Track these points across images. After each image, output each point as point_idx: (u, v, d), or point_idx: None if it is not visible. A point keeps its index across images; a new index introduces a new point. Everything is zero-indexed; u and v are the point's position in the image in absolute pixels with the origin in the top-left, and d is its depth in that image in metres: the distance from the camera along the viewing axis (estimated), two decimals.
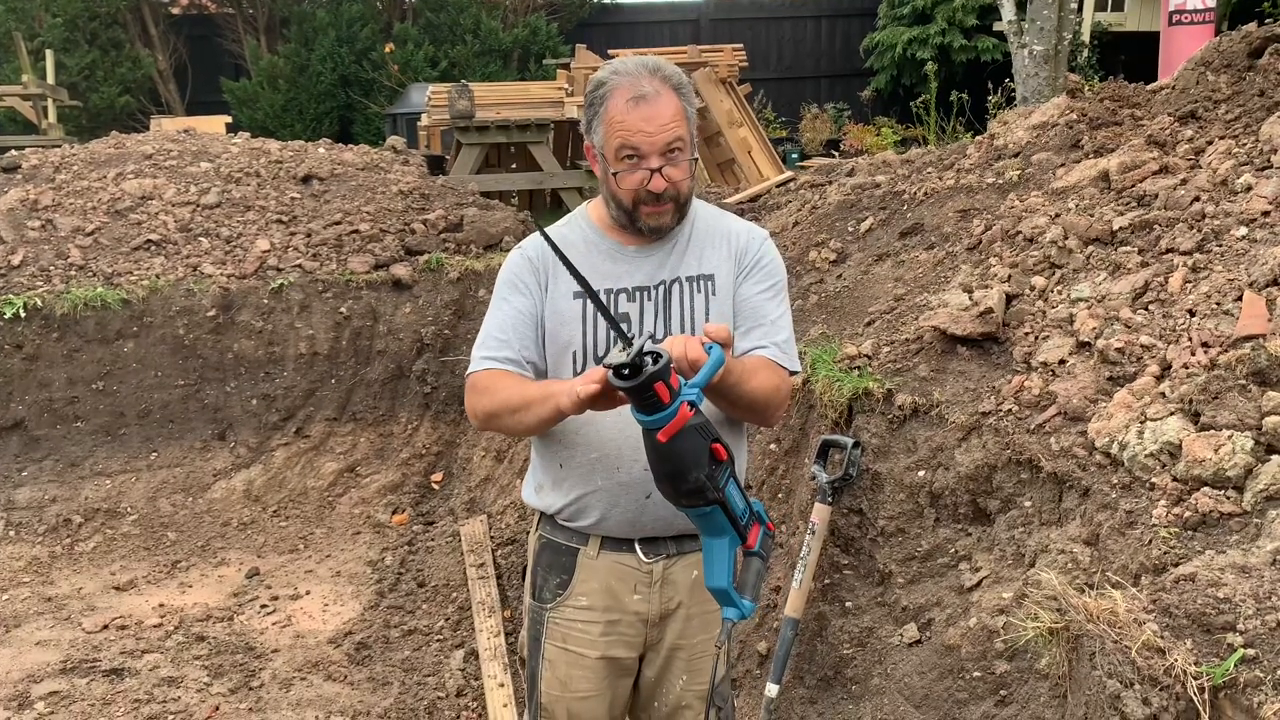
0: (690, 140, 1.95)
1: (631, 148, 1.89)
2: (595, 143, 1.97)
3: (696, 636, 2.10)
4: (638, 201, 1.93)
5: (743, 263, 2.09)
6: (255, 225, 5.93)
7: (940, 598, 2.51)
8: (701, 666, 2.11)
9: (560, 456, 2.02)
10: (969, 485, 2.53)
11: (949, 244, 3.24)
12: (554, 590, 2.05)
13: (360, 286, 5.63)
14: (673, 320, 2.02)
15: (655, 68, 1.93)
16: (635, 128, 1.88)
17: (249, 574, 4.62)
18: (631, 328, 1.99)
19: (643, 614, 2.05)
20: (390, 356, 5.58)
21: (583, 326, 2.01)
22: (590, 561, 2.03)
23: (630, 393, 1.57)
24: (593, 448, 1.98)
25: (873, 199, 3.94)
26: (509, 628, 3.91)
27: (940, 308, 2.79)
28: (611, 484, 1.98)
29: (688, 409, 1.58)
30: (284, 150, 6.86)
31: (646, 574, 2.03)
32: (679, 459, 1.60)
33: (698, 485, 1.62)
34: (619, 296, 2.01)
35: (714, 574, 1.74)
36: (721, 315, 2.05)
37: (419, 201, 6.49)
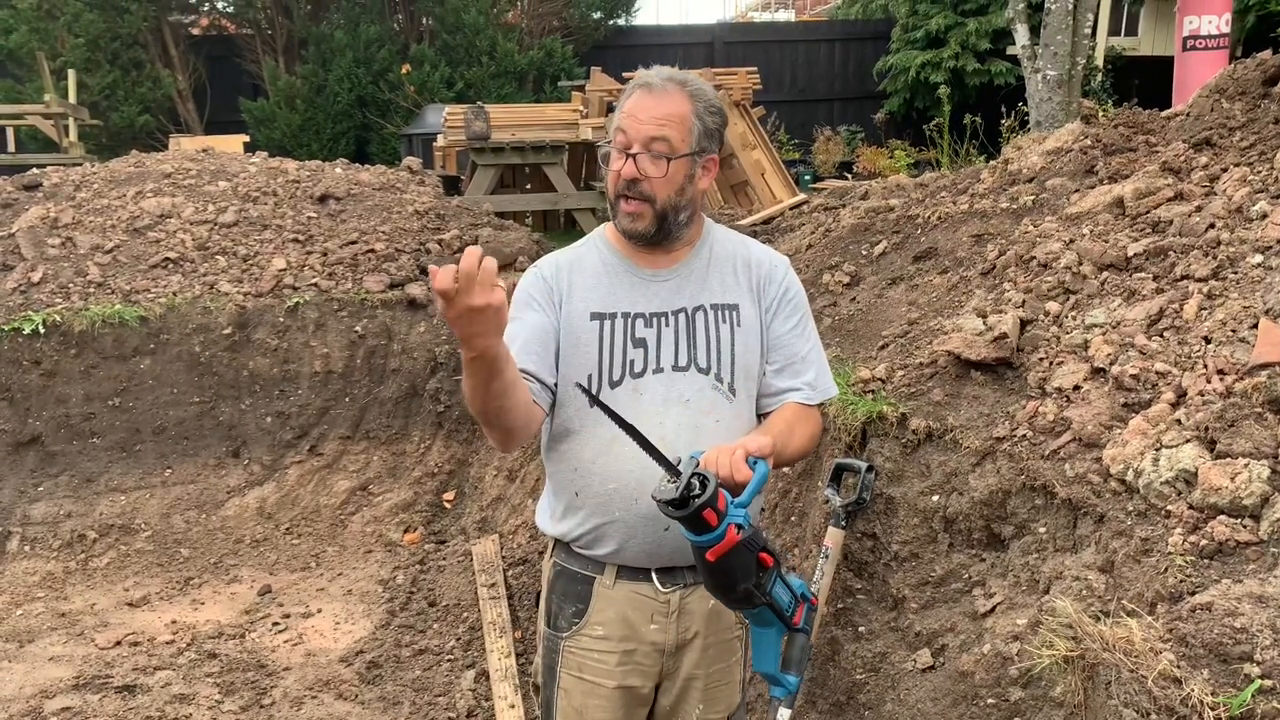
0: (685, 150, 1.90)
1: (621, 130, 1.90)
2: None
3: (713, 665, 2.08)
4: (618, 194, 1.93)
5: (767, 294, 2.08)
6: (272, 244, 5.98)
7: (954, 623, 2.50)
8: (717, 695, 2.10)
9: (576, 484, 1.99)
10: (983, 511, 2.52)
11: (963, 268, 3.24)
12: (569, 619, 2.03)
13: (375, 305, 5.67)
14: (698, 349, 1.99)
15: (684, 79, 1.94)
16: (630, 111, 1.89)
17: (261, 591, 4.63)
18: (649, 353, 1.97)
19: (659, 644, 2.03)
20: (404, 375, 5.61)
21: (599, 350, 1.97)
22: (606, 591, 2.01)
23: (678, 520, 1.61)
24: (610, 478, 1.96)
25: (886, 222, 3.95)
26: (520, 648, 3.90)
27: (954, 332, 2.79)
28: (631, 516, 1.96)
29: (735, 531, 1.61)
30: (301, 170, 6.92)
31: (664, 604, 2.02)
32: (728, 574, 1.66)
33: (746, 594, 1.70)
34: (636, 321, 1.98)
35: (762, 660, 1.84)
36: (747, 349, 2.03)
37: (434, 222, 6.54)
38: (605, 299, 1.99)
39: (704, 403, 1.99)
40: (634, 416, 1.91)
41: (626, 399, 1.94)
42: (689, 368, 1.99)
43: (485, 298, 1.50)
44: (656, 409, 1.95)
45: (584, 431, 1.96)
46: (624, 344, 1.96)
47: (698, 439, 1.94)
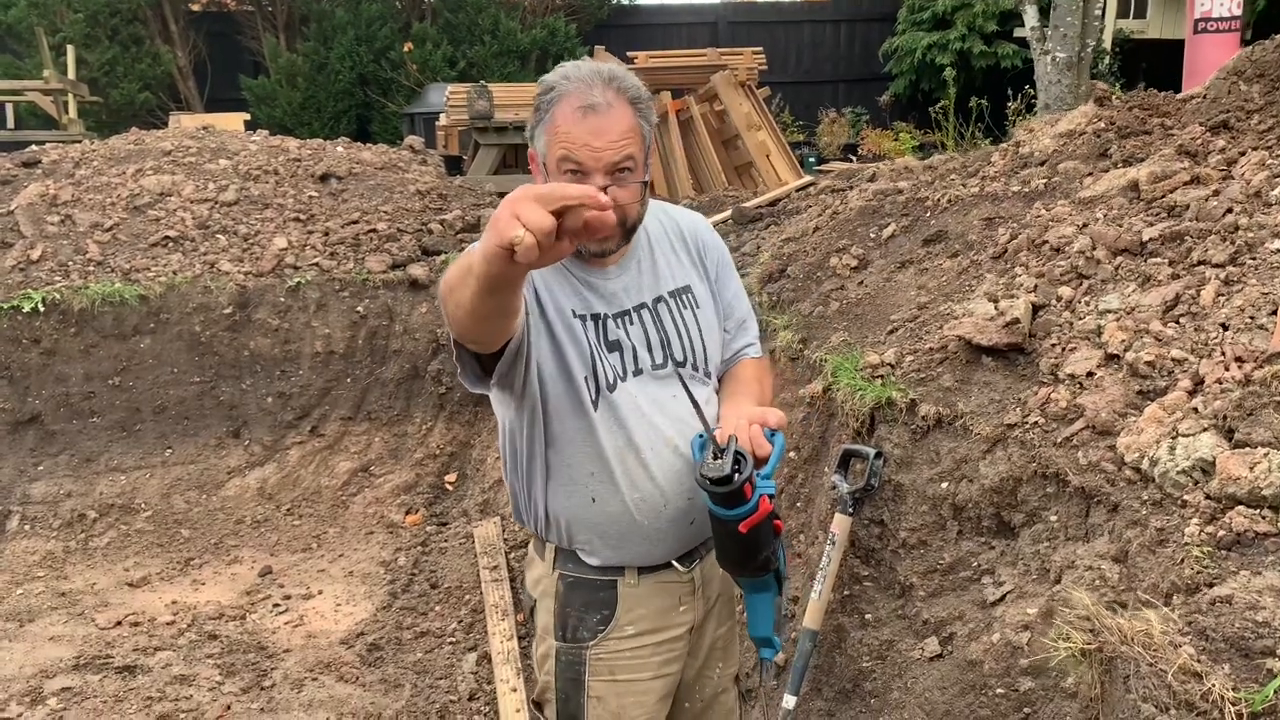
0: (643, 160, 1.79)
1: (575, 162, 1.72)
2: (539, 150, 1.80)
3: (724, 625, 2.14)
4: None
5: (708, 263, 2.07)
6: (273, 223, 5.93)
7: (962, 611, 2.47)
8: (731, 650, 2.18)
9: (592, 489, 1.89)
10: (993, 498, 2.49)
11: (973, 252, 3.20)
12: (594, 628, 1.96)
13: (377, 286, 5.63)
14: (671, 345, 1.95)
15: (611, 77, 1.78)
16: (580, 140, 1.71)
17: (262, 572, 4.61)
18: (625, 355, 1.90)
19: (689, 623, 2.03)
20: (406, 356, 5.57)
21: (590, 351, 1.86)
22: (632, 590, 1.96)
23: (720, 496, 1.65)
24: (636, 487, 1.89)
25: (895, 205, 3.90)
26: (522, 631, 3.88)
27: (965, 317, 2.75)
28: (660, 521, 1.92)
29: (768, 502, 1.67)
30: (302, 148, 6.86)
31: (689, 583, 2.01)
32: (755, 545, 1.72)
33: (765, 561, 1.77)
34: (606, 323, 1.89)
35: (759, 624, 1.92)
36: (711, 328, 2.02)
37: (436, 201, 6.49)
38: (574, 299, 1.88)
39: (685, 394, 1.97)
40: (633, 423, 1.90)
41: (626, 403, 1.89)
42: (666, 364, 1.95)
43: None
44: (648, 411, 1.91)
45: (590, 439, 1.87)
46: (602, 347, 1.89)
47: (692, 431, 1.93)
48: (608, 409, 1.88)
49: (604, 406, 1.88)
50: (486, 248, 1.31)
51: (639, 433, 1.89)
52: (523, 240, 1.23)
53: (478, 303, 1.46)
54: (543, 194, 1.26)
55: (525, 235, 1.23)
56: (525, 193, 1.26)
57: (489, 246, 1.30)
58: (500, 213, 1.27)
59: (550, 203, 1.25)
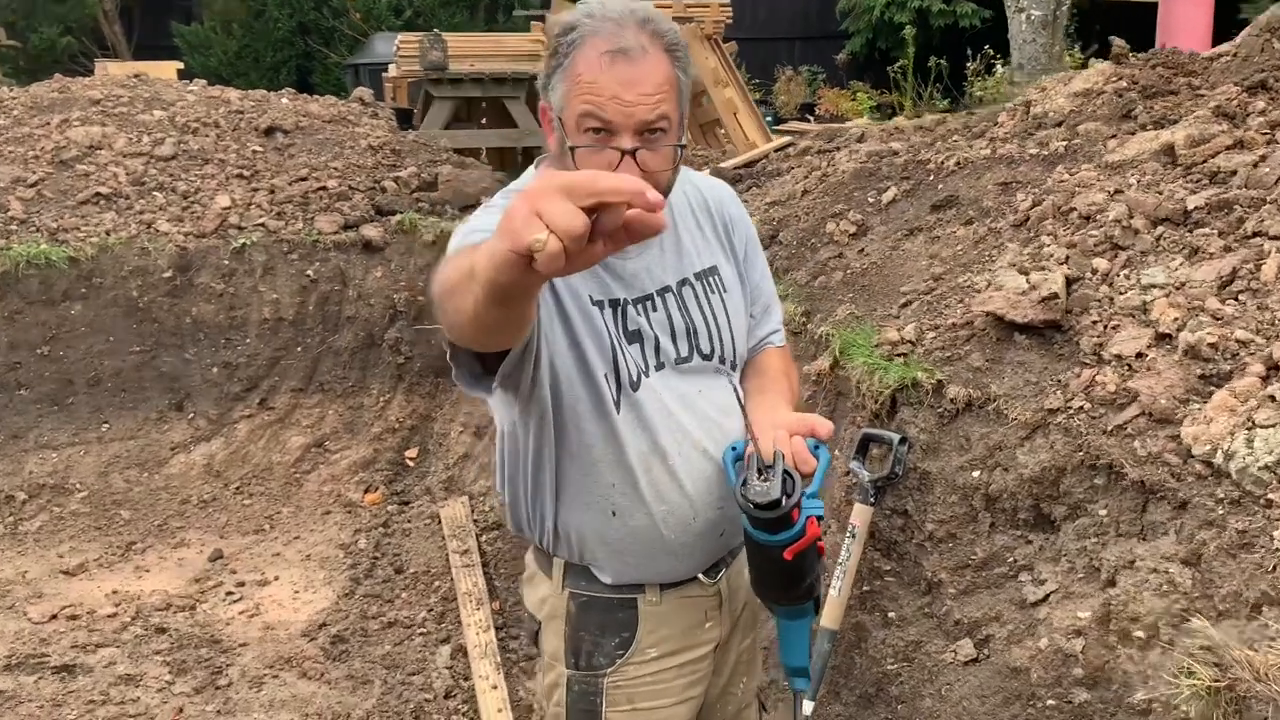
0: (679, 120, 1.53)
1: (600, 119, 1.45)
2: (553, 103, 1.50)
3: (748, 637, 1.93)
4: None
5: (736, 239, 1.80)
6: (214, 180, 5.54)
7: (999, 612, 2.29)
8: (754, 662, 1.97)
9: (612, 501, 1.65)
10: (1032, 489, 2.30)
11: (990, 219, 2.99)
12: (611, 652, 1.72)
13: (328, 248, 5.28)
14: (698, 335, 1.69)
15: (646, 18, 1.50)
16: (608, 91, 1.44)
17: (211, 557, 4.30)
18: (646, 347, 1.64)
19: (715, 640, 1.80)
20: (360, 323, 5.24)
21: (610, 343, 1.59)
22: (654, 609, 1.72)
23: (763, 522, 1.45)
24: (663, 498, 1.65)
25: (893, 167, 3.68)
26: (499, 621, 3.64)
27: (992, 291, 2.55)
28: (687, 536, 1.68)
29: (816, 525, 1.46)
30: (244, 100, 6.43)
31: (714, 596, 1.78)
32: (800, 571, 1.53)
33: (809, 589, 1.58)
34: (626, 310, 1.62)
35: (794, 653, 1.72)
36: (738, 315, 1.77)
37: (390, 158, 6.13)
38: (590, 282, 1.60)
39: (718, 392, 1.73)
40: (659, 425, 1.64)
41: (651, 402, 1.64)
42: (691, 357, 1.69)
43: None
44: (674, 410, 1.66)
45: (611, 444, 1.62)
46: (622, 337, 1.62)
47: (724, 434, 1.70)
48: (631, 410, 1.63)
49: (627, 407, 1.62)
50: (497, 252, 1.01)
51: (665, 435, 1.65)
52: (545, 246, 0.93)
53: (483, 313, 1.16)
54: (573, 185, 0.95)
55: (549, 239, 0.93)
56: (550, 184, 0.95)
57: (500, 251, 1.00)
58: (516, 208, 0.97)
59: (583, 197, 0.94)
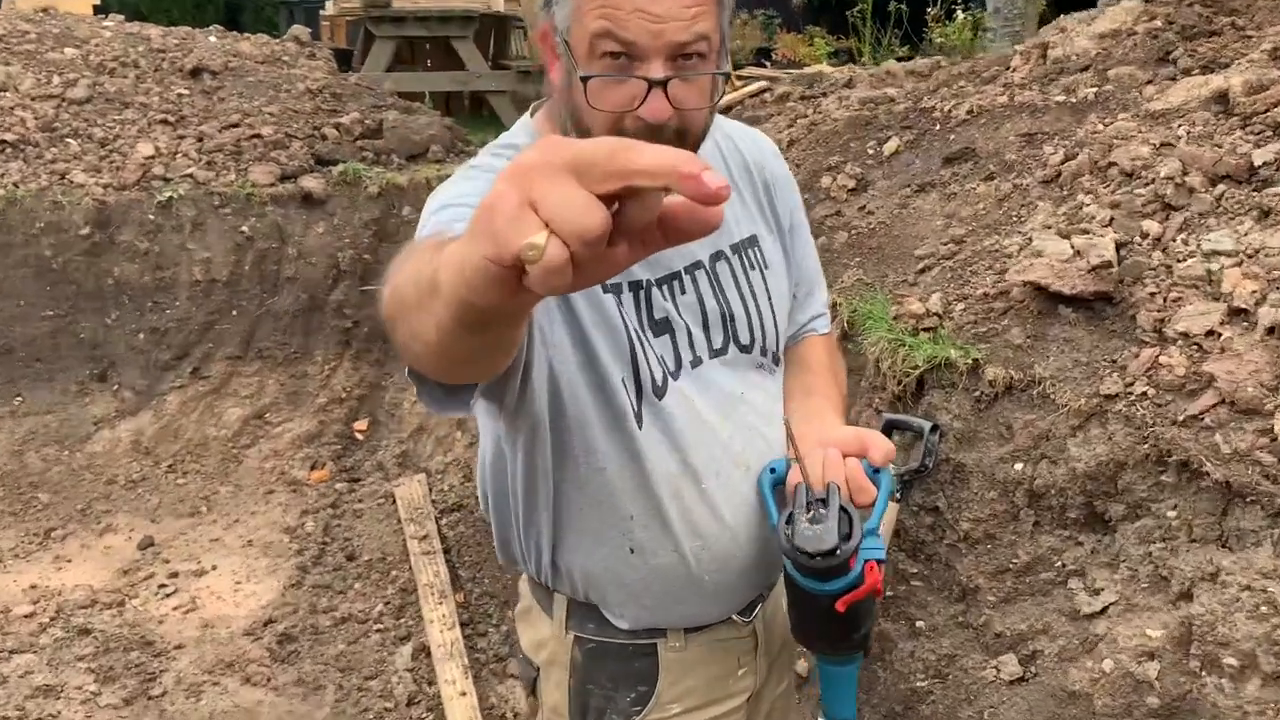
0: (719, 42, 1.20)
1: (621, 40, 1.13)
2: (556, 22, 1.19)
3: (784, 681, 1.62)
4: (618, 136, 1.13)
5: (775, 201, 1.45)
6: (135, 126, 5.05)
7: (1047, 624, 2.03)
8: (787, 707, 1.65)
9: (632, 537, 1.33)
10: (1085, 485, 2.03)
11: (1015, 175, 2.70)
12: (627, 710, 1.40)
13: (264, 201, 4.84)
14: (735, 317, 1.36)
15: None
16: (631, 3, 1.13)
17: (142, 544, 3.91)
18: (678, 338, 1.31)
19: (749, 689, 1.48)
20: (301, 284, 4.82)
21: (629, 338, 1.27)
22: (678, 656, 1.40)
23: (813, 571, 1.19)
24: (697, 531, 1.33)
25: (891, 116, 3.36)
26: (464, 616, 3.33)
27: (1030, 257, 2.25)
28: (728, 574, 1.37)
29: (877, 570, 1.21)
30: (167, 37, 5.91)
31: (749, 638, 1.46)
32: (854, 623, 1.27)
33: (863, 639, 1.34)
34: (650, 293, 1.30)
35: (841, 703, 1.48)
36: (782, 297, 1.44)
37: (330, 102, 5.67)
38: None
39: (760, 393, 1.40)
40: (691, 439, 1.32)
41: (680, 412, 1.31)
42: (726, 348, 1.37)
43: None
44: (710, 419, 1.34)
45: (630, 467, 1.30)
46: (646, 329, 1.29)
47: (769, 447, 1.39)
48: (656, 422, 1.30)
49: (651, 418, 1.29)
50: (471, 260, 0.65)
51: (699, 452, 1.33)
52: (543, 253, 0.59)
53: (450, 343, 0.80)
54: (588, 160, 0.60)
55: (548, 244, 0.59)
56: (551, 157, 0.61)
57: (475, 259, 0.65)
58: (500, 197, 0.62)
59: (602, 179, 0.60)
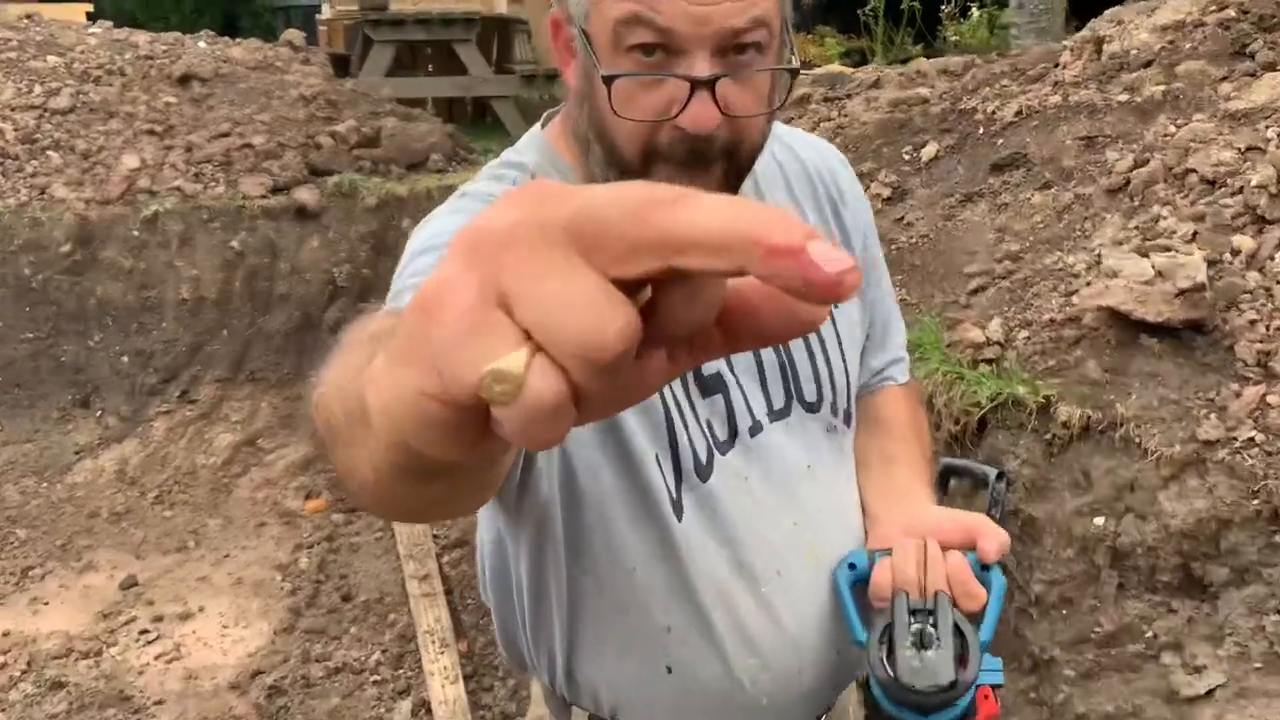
0: (780, 31, 0.95)
1: (656, 27, 0.89)
2: (571, 11, 0.96)
3: None
4: (651, 153, 0.94)
5: (845, 223, 1.18)
6: (120, 137, 4.86)
7: (1138, 706, 1.76)
8: None
9: (669, 654, 1.05)
10: (1180, 544, 1.76)
11: (1074, 183, 2.43)
12: None
13: (255, 215, 4.62)
14: (798, 370, 1.10)
15: None
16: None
17: (124, 584, 3.66)
18: (732, 399, 1.05)
19: None
20: (295, 302, 4.59)
21: (666, 409, 1.02)
22: None
23: (922, 706, 0.95)
24: (754, 647, 1.05)
25: (927, 118, 3.10)
26: (468, 668, 3.06)
27: (1105, 278, 1.98)
28: (790, 697, 1.09)
29: (992, 699, 0.99)
30: (155, 44, 5.70)
31: None
32: None
33: None
34: None
35: None
36: (853, 340, 1.17)
37: (325, 110, 5.44)
38: None
39: (831, 464, 1.14)
40: (745, 531, 1.05)
41: (731, 495, 1.05)
42: (789, 409, 1.10)
43: None
44: (768, 504, 1.07)
45: (667, 569, 1.04)
46: (690, 394, 1.04)
47: (846, 534, 1.13)
48: (701, 510, 1.04)
49: (694, 506, 1.03)
50: (400, 392, 0.39)
51: (755, 547, 1.06)
52: (519, 389, 0.34)
53: (396, 492, 0.56)
54: (599, 221, 0.35)
55: (532, 374, 0.35)
56: (535, 214, 0.35)
57: (407, 392, 0.38)
58: (447, 285, 0.36)
59: (627, 255, 0.34)
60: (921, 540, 1.05)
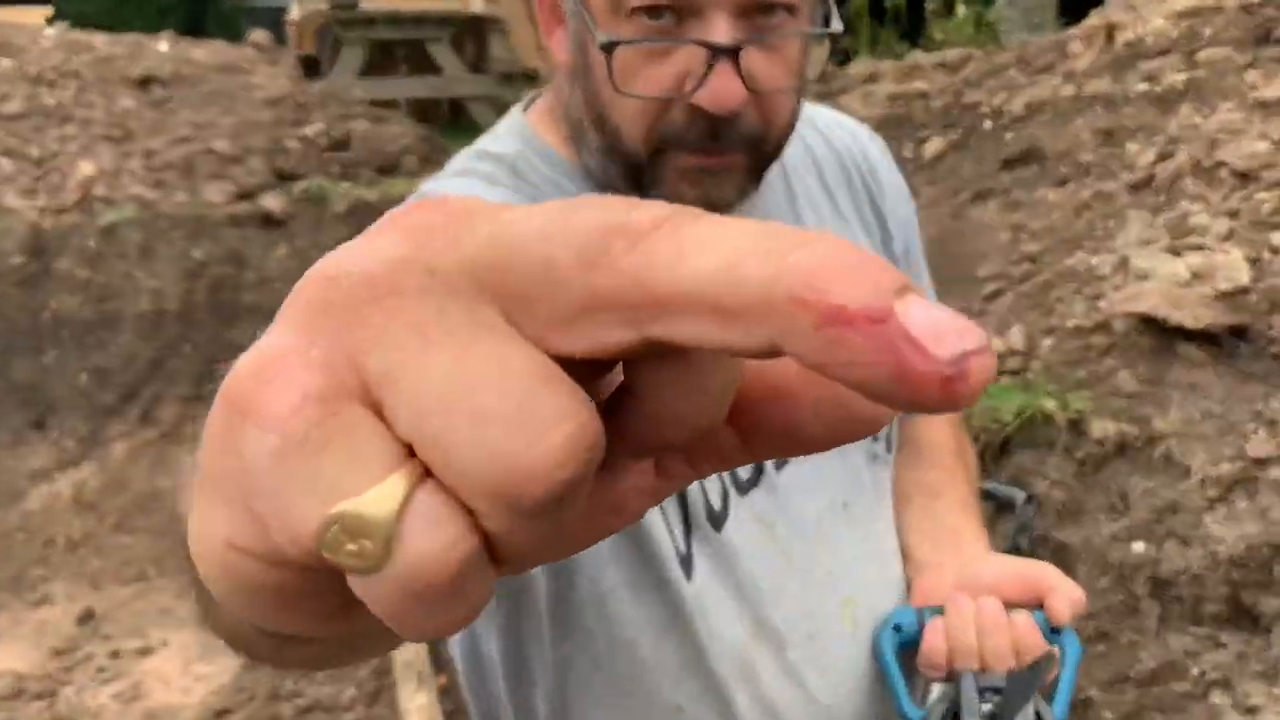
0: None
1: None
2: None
3: None
4: (659, 139, 0.79)
5: (882, 210, 0.99)
6: (76, 143, 4.76)
7: None
8: None
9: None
10: (1228, 572, 1.60)
11: (1094, 179, 2.28)
12: None
13: (219, 223, 4.48)
14: None
15: None
16: None
17: (81, 618, 3.45)
18: None
19: None
20: (263, 314, 4.37)
21: None
22: None
23: None
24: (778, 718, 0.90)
25: (929, 113, 2.94)
26: (447, 705, 2.87)
27: (1137, 281, 1.83)
28: None
29: None
30: (113, 45, 5.59)
31: None
32: None
33: None
34: None
35: None
36: None
37: (293, 112, 5.32)
38: None
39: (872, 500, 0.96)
40: (768, 587, 0.88)
41: (751, 545, 0.88)
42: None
43: None
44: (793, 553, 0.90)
45: (674, 638, 0.87)
46: None
47: (885, 584, 0.96)
48: (715, 566, 0.86)
49: (706, 563, 0.86)
50: (205, 541, 0.23)
51: (780, 604, 0.89)
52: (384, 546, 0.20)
53: (272, 655, 0.42)
54: (527, 260, 0.21)
55: (403, 528, 0.20)
56: (427, 247, 0.22)
57: (213, 542, 0.23)
58: (271, 364, 0.22)
59: (577, 313, 0.21)
60: (979, 597, 0.89)
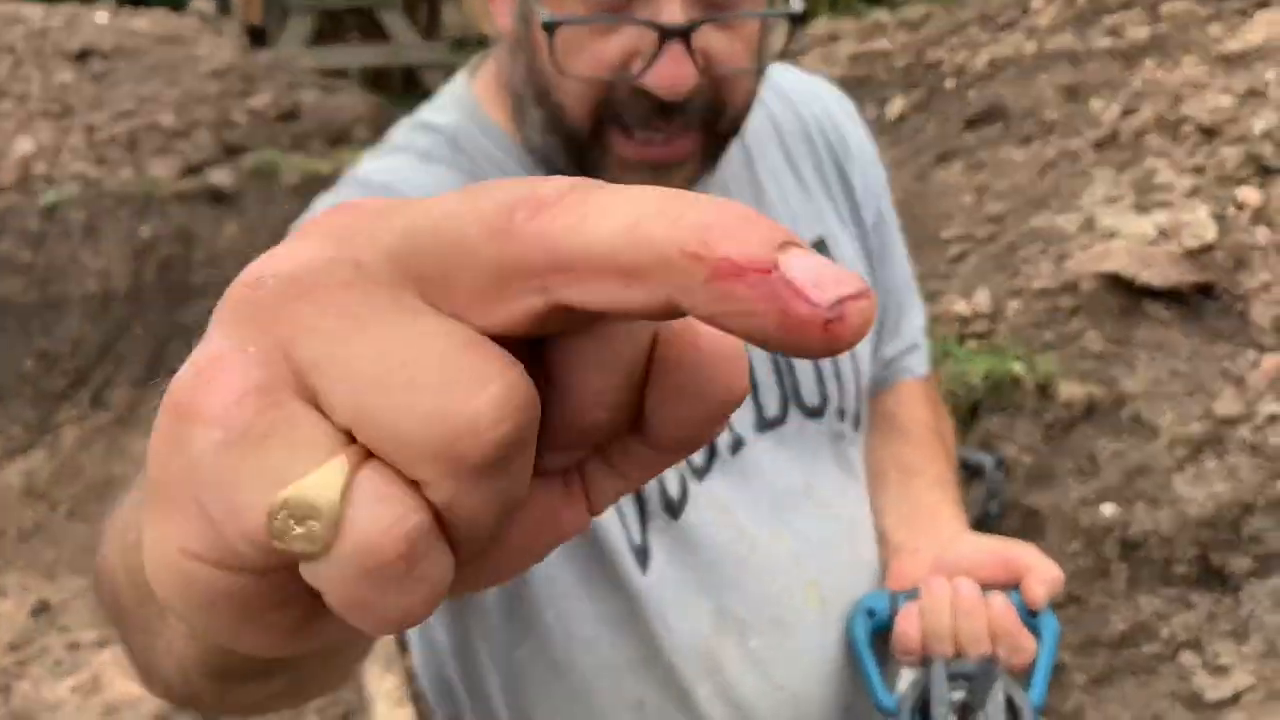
0: None
1: None
2: None
3: None
4: (604, 116, 0.75)
5: (851, 181, 0.96)
6: (12, 119, 4.63)
7: (1158, 712, 1.59)
8: None
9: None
10: (1196, 533, 1.59)
11: (1058, 136, 2.25)
12: None
13: (166, 200, 4.35)
14: (796, 376, 0.89)
15: None
16: None
17: (35, 610, 3.37)
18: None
19: None
20: (214, 293, 4.04)
21: None
22: None
23: None
24: (746, 712, 0.87)
25: (891, 72, 2.90)
26: (416, 689, 2.84)
27: (1104, 239, 1.81)
28: None
29: None
30: (50, 17, 5.38)
31: None
32: None
33: None
34: None
35: None
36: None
37: (240, 84, 5.15)
38: None
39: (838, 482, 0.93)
40: (730, 574, 0.86)
41: (712, 530, 0.84)
42: (785, 416, 0.89)
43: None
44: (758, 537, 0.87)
45: (632, 634, 0.84)
46: None
47: (860, 569, 0.93)
48: (672, 555, 0.83)
49: (664, 552, 0.83)
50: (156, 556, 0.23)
51: (742, 591, 0.86)
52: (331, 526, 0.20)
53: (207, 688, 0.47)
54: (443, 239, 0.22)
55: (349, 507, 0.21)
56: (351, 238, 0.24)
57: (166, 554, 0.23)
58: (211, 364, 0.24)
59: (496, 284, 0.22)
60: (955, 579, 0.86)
